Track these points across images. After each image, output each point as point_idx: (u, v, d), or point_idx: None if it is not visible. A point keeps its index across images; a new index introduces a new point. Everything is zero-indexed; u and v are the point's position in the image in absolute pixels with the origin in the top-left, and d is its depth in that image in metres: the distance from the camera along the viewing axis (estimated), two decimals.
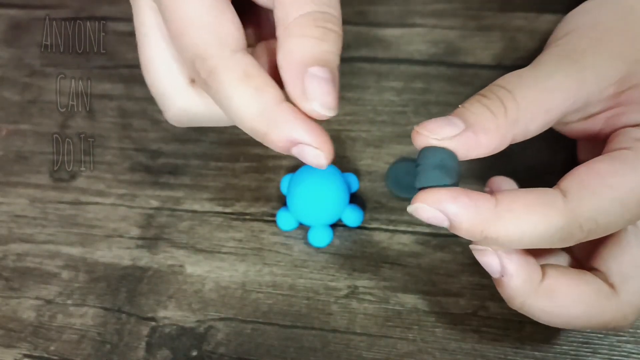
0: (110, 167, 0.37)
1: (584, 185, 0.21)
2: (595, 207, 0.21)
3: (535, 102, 0.22)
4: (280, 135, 0.22)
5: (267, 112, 0.22)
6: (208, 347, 0.30)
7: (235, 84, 0.22)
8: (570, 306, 0.22)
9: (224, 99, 0.22)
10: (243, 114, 0.22)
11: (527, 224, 0.20)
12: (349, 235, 0.33)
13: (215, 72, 0.22)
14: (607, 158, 0.22)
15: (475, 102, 0.22)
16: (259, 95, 0.22)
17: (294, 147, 0.22)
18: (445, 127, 0.21)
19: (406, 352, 0.29)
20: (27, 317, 0.32)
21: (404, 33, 0.39)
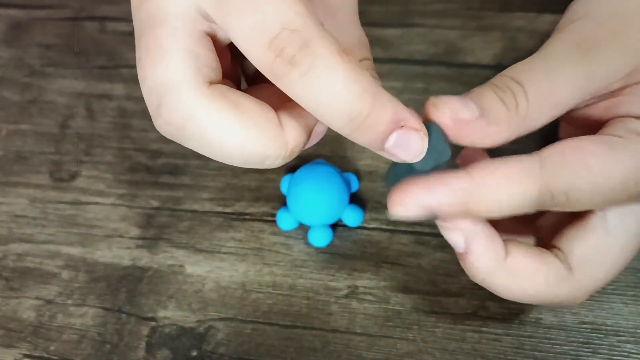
0: (110, 167, 0.37)
1: (564, 158, 0.21)
2: (569, 182, 0.21)
3: (545, 98, 0.22)
4: (385, 114, 0.19)
5: (372, 87, 0.19)
6: (208, 347, 0.30)
7: (337, 58, 0.19)
8: (529, 286, 0.23)
9: (320, 77, 0.19)
10: (345, 93, 0.19)
11: (504, 195, 0.21)
12: (349, 235, 0.33)
13: (313, 44, 0.19)
14: (596, 139, 0.22)
15: (490, 91, 0.21)
16: (362, 71, 0.19)
17: (394, 132, 0.20)
18: (463, 109, 0.21)
19: (406, 352, 0.29)
20: (27, 317, 0.32)
21: (404, 33, 0.39)
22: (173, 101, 0.20)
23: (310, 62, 0.19)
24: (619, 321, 0.29)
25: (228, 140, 0.20)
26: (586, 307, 0.30)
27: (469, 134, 0.21)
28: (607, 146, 0.21)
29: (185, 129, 0.20)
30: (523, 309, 0.30)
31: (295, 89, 0.19)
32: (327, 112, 0.19)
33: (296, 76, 0.19)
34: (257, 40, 0.19)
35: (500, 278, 0.23)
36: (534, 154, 0.22)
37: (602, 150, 0.21)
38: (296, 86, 0.19)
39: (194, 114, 0.20)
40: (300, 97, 0.19)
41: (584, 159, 0.21)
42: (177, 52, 0.20)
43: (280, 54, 0.19)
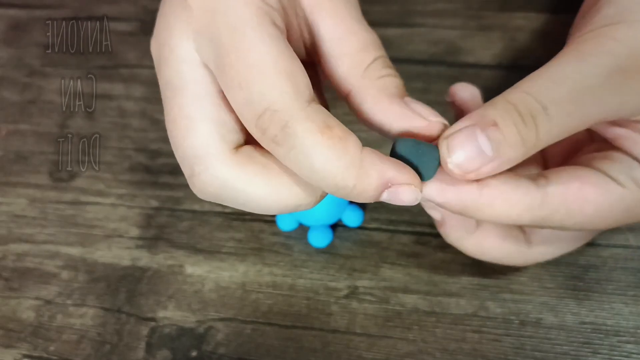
0: (109, 167, 0.37)
1: (566, 202, 0.22)
2: (561, 221, 0.23)
3: (569, 127, 0.21)
4: (372, 182, 0.20)
5: (355, 161, 0.20)
6: (208, 347, 0.30)
7: (317, 137, 0.19)
8: (493, 252, 0.27)
9: (301, 156, 0.20)
10: (329, 170, 0.20)
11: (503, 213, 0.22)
12: (349, 235, 0.33)
13: (292, 124, 0.19)
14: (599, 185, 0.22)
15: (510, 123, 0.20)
16: (343, 146, 0.20)
17: (385, 191, 0.20)
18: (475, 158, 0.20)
19: (406, 353, 0.29)
20: (27, 317, 0.32)
21: (404, 33, 0.39)
22: (204, 173, 0.21)
23: (291, 143, 0.20)
24: (619, 321, 0.29)
25: (262, 200, 0.21)
26: (586, 307, 0.30)
27: (474, 177, 0.21)
28: (606, 196, 0.22)
29: (220, 196, 0.22)
30: (524, 309, 0.30)
31: (285, 162, 0.20)
32: (316, 183, 0.20)
33: (281, 153, 0.20)
34: (247, 116, 0.20)
35: (468, 245, 0.27)
36: (541, 186, 0.22)
37: (600, 201, 0.22)
38: (284, 161, 0.20)
39: (225, 183, 0.21)
40: (293, 169, 0.20)
41: (582, 206, 0.22)
42: (201, 124, 0.21)
43: (264, 132, 0.20)
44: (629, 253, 0.31)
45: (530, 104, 0.21)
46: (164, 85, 0.22)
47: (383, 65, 0.24)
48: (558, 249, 0.27)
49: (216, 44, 0.21)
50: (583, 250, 0.31)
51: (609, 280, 0.30)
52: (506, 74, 0.36)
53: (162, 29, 0.23)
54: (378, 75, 0.23)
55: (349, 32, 0.23)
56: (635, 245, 0.31)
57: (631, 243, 0.31)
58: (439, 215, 0.26)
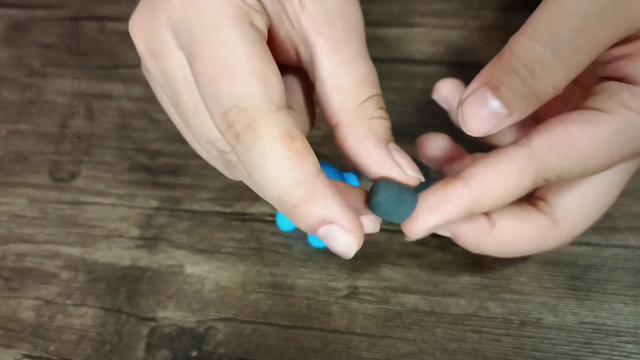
0: (109, 167, 0.37)
1: (553, 145, 0.22)
2: (560, 167, 0.22)
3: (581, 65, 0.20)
4: (314, 209, 0.20)
5: (306, 181, 0.20)
6: (208, 347, 0.30)
7: (277, 144, 0.19)
8: (516, 245, 0.26)
9: (257, 158, 0.20)
10: (276, 179, 0.20)
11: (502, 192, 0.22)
12: None
13: (255, 126, 0.20)
14: (581, 120, 0.22)
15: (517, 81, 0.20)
16: (300, 161, 0.20)
17: (322, 227, 0.20)
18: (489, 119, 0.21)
19: (406, 353, 0.29)
20: (27, 317, 0.32)
21: (404, 33, 0.39)
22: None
23: (251, 142, 0.20)
24: (619, 321, 0.29)
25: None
26: (586, 307, 0.30)
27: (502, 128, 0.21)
28: (593, 126, 0.22)
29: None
30: (524, 309, 0.30)
31: (240, 160, 0.21)
32: (261, 190, 0.20)
33: (240, 151, 0.20)
34: (214, 110, 0.21)
35: (490, 246, 0.26)
36: (523, 144, 0.22)
37: (588, 132, 0.22)
38: (241, 159, 0.20)
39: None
40: (244, 169, 0.21)
41: (571, 143, 0.22)
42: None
43: (229, 127, 0.20)
44: (629, 253, 0.31)
45: (537, 52, 0.20)
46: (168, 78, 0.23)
47: (376, 105, 0.23)
48: (588, 216, 0.26)
49: (190, 37, 0.21)
50: (583, 250, 0.31)
51: (609, 280, 0.30)
52: None
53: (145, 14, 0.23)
54: (369, 116, 0.23)
55: (346, 65, 0.23)
56: (635, 245, 0.31)
57: (631, 243, 0.31)
58: (448, 232, 0.25)
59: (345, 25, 0.23)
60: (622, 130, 0.22)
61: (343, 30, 0.23)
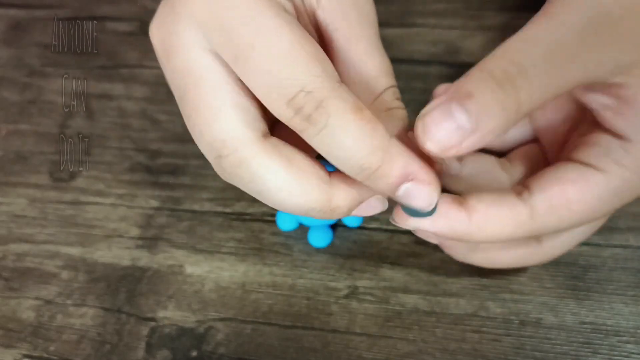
0: (109, 167, 0.37)
1: (553, 210, 0.23)
2: (556, 227, 0.23)
3: (550, 88, 0.20)
4: (394, 169, 0.20)
5: (383, 145, 0.20)
6: (208, 347, 0.30)
7: (350, 116, 0.20)
8: (501, 259, 0.27)
9: (334, 134, 0.20)
10: (356, 149, 0.20)
11: (496, 234, 0.23)
12: (349, 235, 0.33)
13: (326, 104, 0.20)
14: (579, 181, 0.23)
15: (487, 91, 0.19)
16: (373, 128, 0.20)
17: (404, 184, 0.21)
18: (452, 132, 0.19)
19: (406, 353, 0.29)
20: (27, 317, 0.32)
21: (404, 33, 0.39)
22: (232, 156, 0.22)
23: (324, 121, 0.20)
24: (619, 321, 0.29)
25: (280, 192, 0.22)
26: (586, 307, 0.30)
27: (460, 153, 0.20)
28: (590, 189, 0.23)
29: (243, 179, 0.22)
30: (523, 309, 0.30)
31: (313, 142, 0.21)
32: (341, 163, 0.21)
33: (313, 132, 0.20)
34: (276, 99, 0.20)
35: (475, 259, 0.27)
36: (524, 199, 0.23)
37: (586, 195, 0.23)
38: (313, 140, 0.21)
39: (251, 167, 0.22)
40: (318, 149, 0.21)
41: (570, 208, 0.23)
42: (227, 111, 0.22)
43: (298, 112, 0.20)
44: (629, 253, 0.31)
45: (505, 67, 0.20)
46: (176, 74, 0.22)
47: (392, 96, 0.24)
48: (571, 238, 0.27)
49: (230, 35, 0.21)
50: (583, 250, 0.31)
51: (609, 280, 0.30)
52: None
53: (167, 15, 0.22)
54: (386, 107, 0.23)
55: (362, 57, 0.23)
56: (635, 245, 0.31)
57: (631, 243, 0.31)
58: (437, 240, 0.26)
59: (359, 17, 0.23)
60: (618, 190, 0.23)
61: (358, 22, 0.23)
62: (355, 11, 0.23)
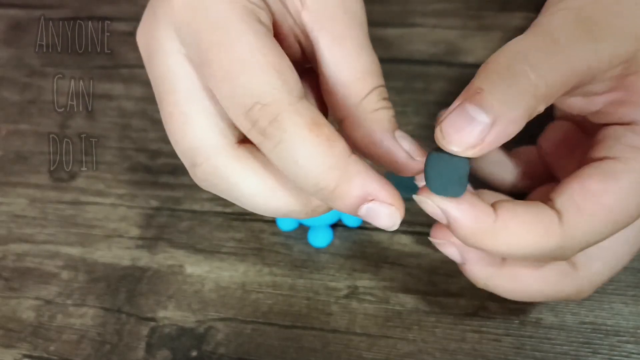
0: (110, 167, 0.37)
1: (579, 208, 0.21)
2: (590, 231, 0.21)
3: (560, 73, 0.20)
4: (352, 189, 0.20)
5: (339, 163, 0.20)
6: (208, 347, 0.30)
7: (305, 132, 0.19)
8: (530, 286, 0.24)
9: (288, 150, 0.19)
10: (311, 167, 0.19)
11: (522, 243, 0.21)
12: (349, 235, 0.33)
13: (281, 118, 0.19)
14: (598, 174, 0.21)
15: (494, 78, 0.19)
16: (330, 146, 0.20)
17: (364, 205, 0.20)
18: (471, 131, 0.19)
19: (406, 352, 0.29)
20: (27, 317, 0.32)
21: (404, 33, 0.39)
22: (204, 163, 0.22)
23: (279, 136, 0.19)
24: (619, 321, 0.29)
25: (256, 197, 0.22)
26: (586, 307, 0.30)
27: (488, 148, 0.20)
28: (612, 178, 0.21)
29: (218, 186, 0.22)
30: (523, 309, 0.30)
31: (270, 156, 0.20)
32: (298, 181, 0.20)
33: (269, 146, 0.20)
34: (234, 109, 0.20)
35: (501, 282, 0.24)
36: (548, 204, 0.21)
37: (611, 185, 0.21)
38: (270, 155, 0.20)
39: (223, 175, 0.22)
40: (275, 164, 0.20)
41: (599, 201, 0.21)
42: (199, 119, 0.22)
43: (254, 124, 0.20)
44: None
45: (508, 55, 0.20)
46: (156, 80, 0.22)
47: (379, 96, 0.23)
48: (609, 263, 0.24)
49: (198, 40, 0.21)
50: None
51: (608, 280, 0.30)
52: None
53: (149, 20, 0.23)
54: (373, 108, 0.23)
55: (348, 57, 0.23)
56: None
57: None
58: (457, 252, 0.24)
59: (345, 17, 0.23)
60: None
61: (344, 22, 0.23)
62: (341, 11, 0.23)
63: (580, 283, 0.24)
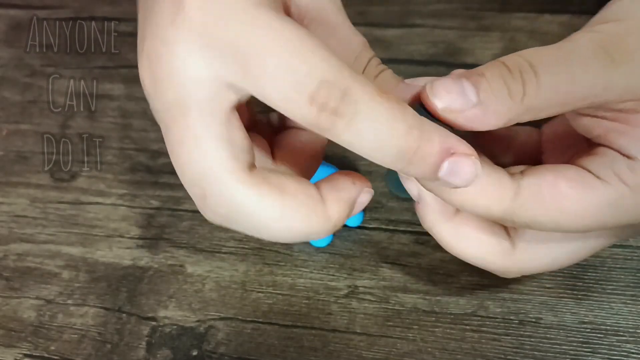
0: (110, 167, 0.37)
1: (540, 196, 0.22)
2: (537, 219, 0.22)
3: (557, 92, 0.20)
4: (435, 145, 0.19)
5: (416, 122, 0.19)
6: (208, 346, 0.30)
7: (378, 99, 0.19)
8: (467, 247, 0.25)
9: (366, 121, 0.19)
10: (392, 133, 0.19)
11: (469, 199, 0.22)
12: (349, 235, 0.33)
13: (352, 91, 0.19)
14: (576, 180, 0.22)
15: (497, 74, 0.20)
16: (403, 107, 0.19)
17: (446, 161, 0.20)
18: (457, 98, 0.20)
19: (406, 352, 0.29)
20: (28, 317, 0.32)
21: (404, 33, 0.39)
22: (217, 194, 0.21)
23: (353, 110, 0.19)
24: (618, 321, 0.29)
25: (277, 223, 0.21)
26: (586, 307, 0.30)
27: (463, 122, 0.20)
28: (585, 191, 0.22)
29: (232, 218, 0.21)
30: (523, 309, 0.30)
31: (343, 138, 0.20)
32: (378, 153, 0.20)
33: (342, 126, 0.19)
34: (297, 99, 0.19)
35: (444, 232, 0.25)
36: (516, 178, 0.22)
37: (578, 195, 0.21)
38: (343, 135, 0.19)
39: (239, 204, 0.20)
40: (349, 144, 0.20)
41: (557, 201, 0.22)
42: (212, 143, 0.20)
43: (323, 107, 0.19)
44: (628, 253, 0.31)
45: (519, 61, 0.20)
46: (165, 108, 0.21)
47: (375, 63, 0.24)
48: (548, 258, 0.25)
49: (236, 50, 0.20)
50: None
51: (608, 280, 0.30)
52: None
53: (157, 46, 0.21)
54: (374, 74, 0.23)
55: (343, 42, 0.23)
56: (635, 245, 0.31)
57: (630, 243, 0.31)
58: (416, 190, 0.24)
59: (329, 4, 0.23)
60: (612, 204, 0.22)
61: (329, 9, 0.23)
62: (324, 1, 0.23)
63: (511, 264, 0.25)
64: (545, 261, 0.25)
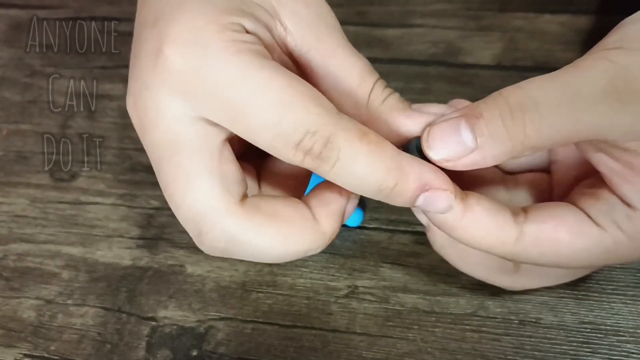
0: (110, 167, 0.37)
1: (539, 239, 0.23)
2: (537, 258, 0.23)
3: (558, 133, 0.20)
4: (410, 183, 0.21)
5: (394, 163, 0.21)
6: (208, 346, 0.30)
7: (358, 145, 0.20)
8: (474, 268, 0.27)
9: (348, 166, 0.20)
10: (371, 175, 0.20)
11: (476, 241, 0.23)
12: (349, 235, 0.33)
13: (335, 137, 0.20)
14: (574, 228, 0.22)
15: (496, 115, 0.20)
16: (382, 149, 0.21)
17: (422, 195, 0.21)
18: (454, 147, 0.21)
19: (406, 352, 0.29)
20: (28, 317, 0.32)
21: (404, 33, 0.39)
22: (212, 230, 0.21)
23: (336, 155, 0.20)
24: (618, 321, 0.29)
25: (274, 249, 0.22)
26: (586, 307, 0.30)
27: (460, 168, 0.21)
28: (582, 240, 0.22)
29: (230, 250, 0.22)
30: (523, 309, 0.30)
31: (329, 177, 0.21)
32: (360, 189, 0.21)
33: (326, 168, 0.21)
34: (284, 147, 0.20)
35: (452, 255, 0.26)
36: (518, 221, 0.23)
37: (576, 244, 0.22)
38: (328, 175, 0.21)
39: (236, 237, 0.21)
40: (334, 181, 0.21)
41: (556, 248, 0.23)
42: (204, 179, 0.21)
43: (308, 153, 0.20)
44: None
45: (521, 97, 0.20)
46: (154, 148, 0.22)
47: (381, 87, 0.24)
48: (549, 278, 0.27)
49: (222, 98, 0.20)
50: None
51: (608, 280, 0.30)
52: (506, 74, 0.36)
53: (140, 89, 0.21)
54: (381, 99, 0.24)
55: (344, 68, 0.23)
56: None
57: None
58: (425, 219, 0.25)
59: (326, 30, 0.23)
60: (608, 251, 0.22)
61: (327, 35, 0.23)
62: (322, 25, 0.23)
63: (514, 282, 0.27)
64: (547, 280, 0.27)
